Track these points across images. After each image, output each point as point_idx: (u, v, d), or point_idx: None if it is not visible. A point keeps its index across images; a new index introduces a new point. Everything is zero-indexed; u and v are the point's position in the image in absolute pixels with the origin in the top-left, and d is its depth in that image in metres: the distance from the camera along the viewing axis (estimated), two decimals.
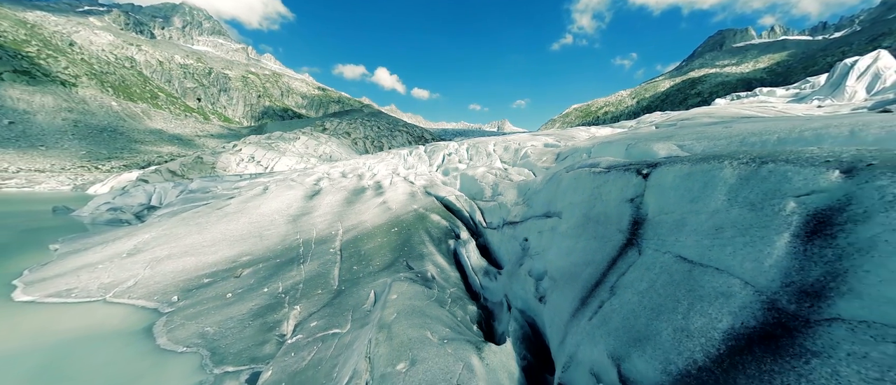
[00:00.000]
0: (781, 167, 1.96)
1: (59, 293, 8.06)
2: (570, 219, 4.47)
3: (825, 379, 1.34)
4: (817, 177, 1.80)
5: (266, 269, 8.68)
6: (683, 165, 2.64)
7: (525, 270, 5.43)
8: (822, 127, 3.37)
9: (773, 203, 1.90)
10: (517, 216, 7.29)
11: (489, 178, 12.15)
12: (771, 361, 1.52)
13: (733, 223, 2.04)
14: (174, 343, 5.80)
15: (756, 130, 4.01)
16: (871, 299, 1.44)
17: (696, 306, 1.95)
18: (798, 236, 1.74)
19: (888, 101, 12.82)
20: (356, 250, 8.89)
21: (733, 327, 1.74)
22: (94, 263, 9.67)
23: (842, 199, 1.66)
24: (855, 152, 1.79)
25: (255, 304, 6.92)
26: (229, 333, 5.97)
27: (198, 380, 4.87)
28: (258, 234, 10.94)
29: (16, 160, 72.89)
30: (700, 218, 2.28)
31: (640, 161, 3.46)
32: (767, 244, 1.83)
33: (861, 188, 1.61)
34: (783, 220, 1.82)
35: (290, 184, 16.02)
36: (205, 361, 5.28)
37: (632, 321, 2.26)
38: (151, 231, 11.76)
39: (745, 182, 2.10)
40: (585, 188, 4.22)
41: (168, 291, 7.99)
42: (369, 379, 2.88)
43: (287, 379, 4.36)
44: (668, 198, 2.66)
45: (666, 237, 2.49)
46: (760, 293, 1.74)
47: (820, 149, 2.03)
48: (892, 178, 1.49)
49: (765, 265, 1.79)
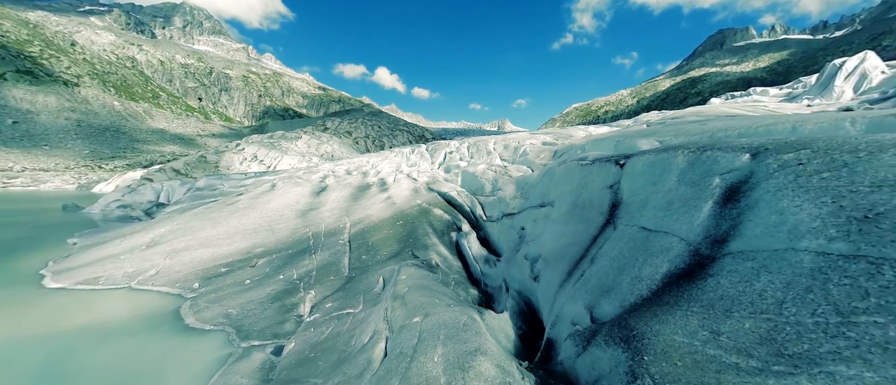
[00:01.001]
0: (715, 154, 2.50)
1: (87, 281, 8.62)
2: (561, 206, 5.01)
3: (712, 289, 1.90)
4: (735, 159, 2.34)
5: (279, 259, 9.24)
6: (650, 156, 3.18)
7: (522, 255, 5.97)
8: (773, 124, 3.92)
9: (706, 180, 2.44)
10: (515, 208, 7.83)
11: (489, 174, 12.68)
12: (686, 285, 2.07)
13: (679, 198, 2.58)
14: (202, 322, 6.36)
15: (724, 127, 4.56)
16: (747, 239, 2.07)
17: (648, 260, 2.49)
18: (718, 203, 2.30)
19: (873, 100, 13.35)
20: (364, 241, 9.44)
21: (669, 270, 2.29)
22: (116, 255, 10.23)
23: (747, 174, 2.21)
24: (763, 141, 2.33)
25: (272, 289, 7.48)
26: (251, 314, 6.52)
27: (227, 352, 5.42)
28: (269, 227, 11.49)
29: (20, 159, 73.51)
30: (658, 196, 2.83)
31: (620, 154, 4.00)
32: (698, 210, 2.38)
33: (758, 166, 2.15)
34: (710, 192, 2.37)
35: (297, 181, 16.57)
36: (231, 337, 5.84)
37: (603, 279, 2.80)
38: (167, 225, 12.32)
39: (691, 166, 2.65)
40: (574, 178, 4.76)
41: (189, 279, 8.54)
42: (389, 333, 3.41)
43: (309, 348, 4.91)
44: (638, 182, 3.20)
45: (634, 214, 3.03)
46: (689, 245, 2.29)
47: (745, 139, 2.57)
48: (776, 157, 2.03)
49: (694, 225, 2.34)
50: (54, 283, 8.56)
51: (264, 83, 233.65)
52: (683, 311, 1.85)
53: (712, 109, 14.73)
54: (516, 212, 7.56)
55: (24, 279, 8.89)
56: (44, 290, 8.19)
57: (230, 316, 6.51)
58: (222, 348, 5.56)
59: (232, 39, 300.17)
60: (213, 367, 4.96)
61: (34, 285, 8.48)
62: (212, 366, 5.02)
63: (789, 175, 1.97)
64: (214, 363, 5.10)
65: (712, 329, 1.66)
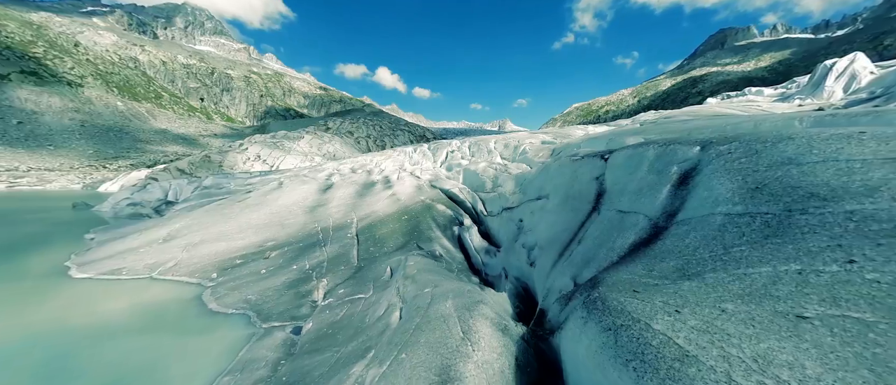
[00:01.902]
0: (676, 147, 2.99)
1: (110, 272, 9.15)
2: (555, 198, 5.52)
3: (658, 247, 2.42)
4: (689, 151, 2.84)
5: (291, 251, 9.75)
6: (628, 150, 3.67)
7: (520, 244, 6.47)
8: (739, 123, 4.42)
9: (668, 168, 2.94)
10: (514, 202, 8.33)
11: (490, 172, 13.17)
12: (643, 248, 2.57)
13: (648, 184, 3.08)
14: (224, 307, 6.88)
15: (702, 126, 5.05)
16: (688, 211, 2.70)
17: (620, 235, 3.00)
18: (674, 186, 2.80)
19: (860, 99, 13.80)
20: (371, 235, 9.95)
21: (634, 240, 2.80)
22: (135, 248, 10.76)
23: (696, 163, 2.72)
24: (710, 135, 2.82)
25: (287, 278, 7.99)
26: (269, 300, 7.04)
27: (250, 331, 5.93)
28: (279, 222, 12.01)
29: (26, 159, 74.28)
30: (633, 183, 3.32)
31: (605, 149, 4.50)
32: (660, 193, 2.88)
33: (704, 155, 2.65)
34: (669, 178, 2.87)
35: (304, 179, 17.09)
36: (253, 319, 6.35)
37: (586, 255, 3.30)
38: (181, 221, 12.86)
39: (658, 158, 3.14)
40: (567, 172, 5.26)
41: (207, 270, 9.06)
42: (402, 304, 3.91)
43: (327, 327, 5.42)
44: (618, 173, 3.69)
45: (614, 200, 3.52)
46: (651, 219, 2.79)
47: (704, 135, 3.06)
48: (716, 148, 2.54)
49: (656, 205, 2.85)
50: (80, 273, 9.09)
51: (266, 83, 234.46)
52: (634, 262, 2.36)
53: (706, 109, 15.20)
54: (515, 206, 8.06)
55: (51, 271, 9.43)
56: (71, 280, 8.72)
57: (250, 301, 7.02)
58: (245, 329, 6.08)
59: (233, 40, 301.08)
60: (240, 344, 5.47)
61: (61, 276, 9.01)
62: (238, 343, 5.54)
63: (721, 162, 2.48)
64: (240, 340, 5.62)
65: (649, 268, 2.18)
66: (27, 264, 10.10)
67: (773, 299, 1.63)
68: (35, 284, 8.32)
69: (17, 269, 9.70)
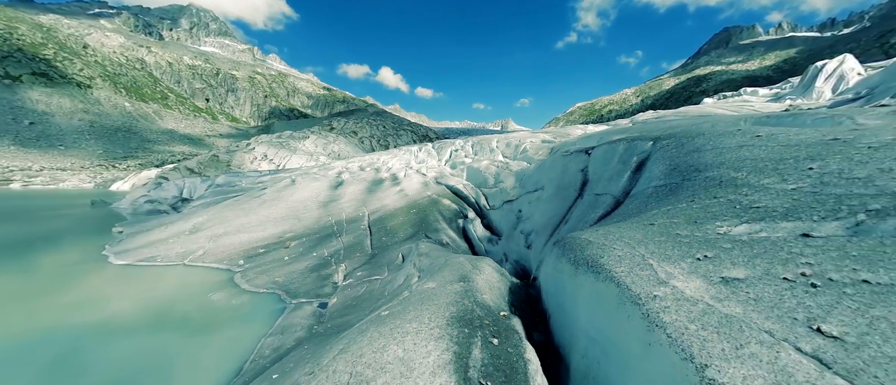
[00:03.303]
0: (639, 142, 3.77)
1: (146, 259, 10.05)
2: (549, 189, 6.31)
3: (612, 215, 3.20)
4: (645, 145, 3.63)
5: (309, 241, 10.60)
6: (605, 146, 4.46)
7: (518, 231, 7.27)
8: (702, 122, 5.19)
9: (631, 159, 3.73)
10: (514, 195, 9.12)
11: (492, 169, 13.96)
12: (605, 217, 3.36)
13: (616, 172, 3.88)
14: (255, 287, 7.73)
15: (676, 124, 5.81)
16: (637, 188, 3.40)
17: (592, 211, 3.80)
18: (633, 172, 3.61)
19: (846, 100, 14.44)
20: (382, 226, 10.78)
21: (601, 214, 3.60)
22: (164, 239, 11.67)
23: (649, 153, 3.50)
24: (660, 133, 3.60)
25: (308, 263, 8.84)
26: (295, 281, 7.89)
27: (282, 306, 6.77)
28: (296, 216, 12.87)
29: (38, 159, 75.93)
30: (607, 173, 4.12)
31: (589, 146, 5.30)
32: (623, 177, 3.69)
33: (653, 148, 3.44)
34: (630, 166, 3.67)
35: (315, 176, 17.97)
36: (282, 297, 7.20)
37: (569, 231, 4.08)
38: (202, 215, 13.76)
39: (626, 151, 3.93)
40: (558, 166, 6.06)
41: (233, 257, 9.93)
42: (419, 273, 4.72)
43: (350, 300, 6.25)
44: (597, 165, 4.49)
45: (593, 186, 4.32)
46: (614, 197, 3.60)
47: (655, 131, 3.86)
48: (660, 142, 3.32)
49: (620, 186, 3.65)
50: (119, 260, 10.00)
51: (270, 84, 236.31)
52: (594, 225, 3.16)
53: (696, 109, 15.90)
54: (515, 198, 8.85)
55: (92, 258, 10.34)
56: (113, 266, 9.63)
57: (277, 282, 7.87)
58: (277, 304, 6.92)
59: (237, 40, 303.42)
60: (275, 315, 6.32)
61: (103, 262, 9.92)
62: (273, 314, 6.38)
63: (661, 151, 3.27)
64: (274, 313, 6.46)
65: (597, 225, 2.97)
66: (68, 253, 11.02)
67: (658, 225, 2.46)
68: (83, 269, 9.22)
69: (61, 257, 10.64)
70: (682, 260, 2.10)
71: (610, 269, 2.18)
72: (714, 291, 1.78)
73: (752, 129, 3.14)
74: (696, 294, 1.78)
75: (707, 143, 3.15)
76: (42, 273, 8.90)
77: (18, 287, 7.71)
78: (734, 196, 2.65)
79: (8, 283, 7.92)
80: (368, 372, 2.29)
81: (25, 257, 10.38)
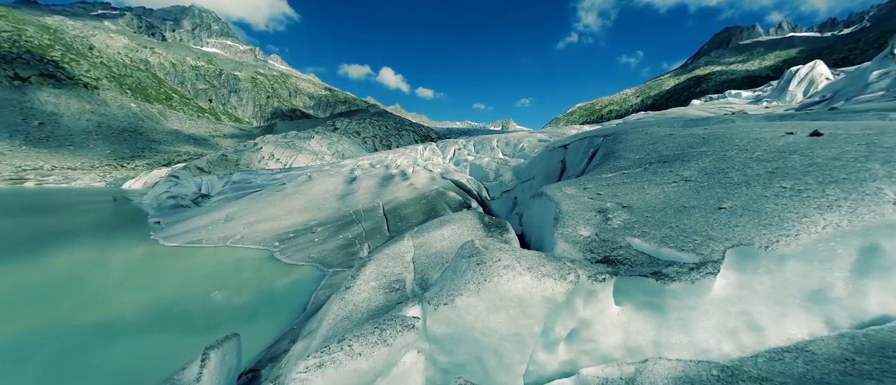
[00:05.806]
0: (597, 138, 5.28)
1: (192, 241, 11.59)
2: (538, 177, 7.84)
3: (573, 184, 4.75)
4: (599, 140, 5.14)
5: (333, 227, 12.13)
6: (577, 141, 5.97)
7: (514, 213, 8.77)
8: (662, 122, 6.64)
9: (589, 150, 5.25)
10: (511, 186, 10.64)
11: (492, 165, 15.48)
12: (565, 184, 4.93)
13: (579, 159, 5.39)
14: (295, 261, 9.26)
15: (649, 123, 7.30)
16: (588, 169, 4.83)
17: None
18: (589, 158, 5.11)
19: (814, 102, 15.92)
20: (396, 214, 12.31)
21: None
22: (204, 226, 13.22)
23: (602, 144, 5.03)
24: (609, 132, 5.11)
25: (336, 243, 10.37)
26: (327, 256, 9.42)
27: (321, 274, 8.30)
28: (317, 207, 14.41)
29: (49, 159, 77.66)
30: (575, 161, 5.63)
31: (567, 142, 6.82)
32: (583, 163, 5.20)
33: (602, 142, 4.95)
34: (588, 155, 5.17)
35: (329, 173, 19.52)
36: (319, 267, 8.73)
37: None
38: (232, 207, 15.31)
39: (588, 145, 5.44)
40: (545, 159, 7.58)
41: (268, 240, 11.47)
42: None
43: None
44: (570, 156, 6.00)
45: (568, 172, 5.82)
46: (577, 175, 5.11)
47: (608, 130, 5.38)
48: (605, 137, 4.83)
49: (578, 169, 5.16)
50: (168, 243, 11.55)
51: (272, 84, 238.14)
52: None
53: (684, 110, 17.39)
54: (512, 188, 10.37)
55: (143, 242, 11.88)
56: (165, 247, 11.17)
57: (312, 258, 9.41)
58: (315, 272, 8.45)
59: (239, 41, 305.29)
60: (318, 279, 7.84)
61: (155, 244, 11.47)
62: (316, 278, 7.91)
63: (603, 145, 4.74)
64: (316, 278, 7.99)
65: (556, 185, 4.52)
66: (119, 239, 12.56)
67: (580, 179, 4.03)
68: (146, 251, 10.77)
69: (115, 241, 12.18)
70: (576, 186, 3.75)
71: (547, 193, 3.78)
72: (579, 192, 3.38)
73: (665, 131, 4.68)
74: (573, 192, 3.37)
75: (625, 139, 4.61)
76: (116, 254, 10.43)
77: (109, 266, 9.25)
78: (615, 162, 4.34)
79: (97, 263, 9.44)
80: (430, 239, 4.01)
81: (92, 242, 11.94)
